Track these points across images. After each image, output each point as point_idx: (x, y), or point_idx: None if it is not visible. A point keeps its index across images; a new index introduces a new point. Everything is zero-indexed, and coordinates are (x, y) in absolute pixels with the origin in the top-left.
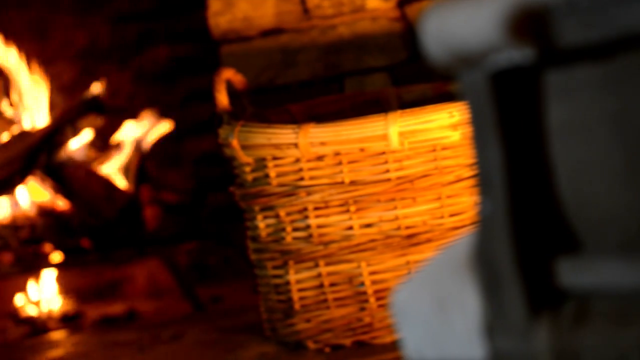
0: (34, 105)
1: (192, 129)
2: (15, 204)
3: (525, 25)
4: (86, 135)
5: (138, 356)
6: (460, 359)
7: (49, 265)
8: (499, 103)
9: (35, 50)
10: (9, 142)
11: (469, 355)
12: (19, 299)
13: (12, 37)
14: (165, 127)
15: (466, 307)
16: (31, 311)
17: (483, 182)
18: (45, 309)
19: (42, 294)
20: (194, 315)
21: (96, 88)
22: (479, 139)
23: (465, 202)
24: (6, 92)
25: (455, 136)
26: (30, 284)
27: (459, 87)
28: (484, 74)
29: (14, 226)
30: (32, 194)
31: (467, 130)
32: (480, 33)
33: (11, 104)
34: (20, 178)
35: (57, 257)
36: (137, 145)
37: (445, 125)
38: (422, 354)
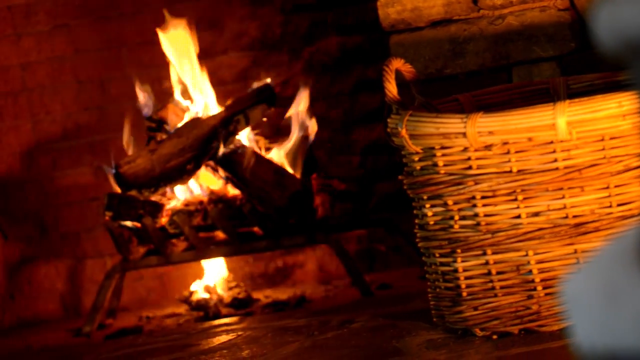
0: (207, 95)
1: (361, 119)
2: (188, 191)
3: None
4: (257, 124)
5: (307, 342)
6: (630, 349)
7: (221, 251)
8: None
9: (209, 41)
10: (182, 131)
11: (639, 345)
12: (191, 285)
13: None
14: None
15: (637, 297)
16: (203, 296)
17: None
18: (217, 294)
19: (214, 280)
20: (362, 302)
21: (267, 78)
22: None
23: (634, 192)
24: (181, 82)
25: (624, 125)
26: (203, 269)
27: (629, 76)
28: None
29: (187, 213)
30: (204, 182)
31: (637, 119)
32: None
33: (186, 94)
34: (194, 166)
35: (228, 243)
36: (305, 134)
37: (614, 115)
38: (591, 342)
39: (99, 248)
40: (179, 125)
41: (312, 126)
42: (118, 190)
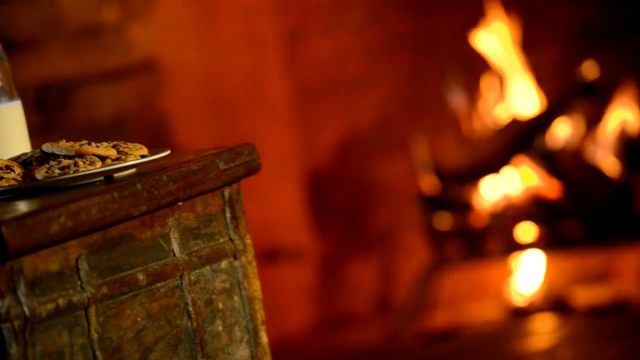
0: (525, 89)
1: None
2: (506, 188)
3: None
4: (578, 119)
5: (630, 347)
6: None
7: (537, 249)
8: None
9: (527, 32)
10: (500, 127)
11: None
12: (504, 283)
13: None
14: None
15: None
16: (520, 296)
17: None
18: (533, 294)
19: (531, 280)
20: None
21: (589, 71)
22: None
23: None
24: (499, 76)
25: None
26: (517, 267)
27: None
28: None
29: (504, 210)
30: (522, 179)
31: None
32: None
33: (504, 88)
34: (511, 162)
35: (546, 241)
36: (625, 129)
37: None
38: None
39: (412, 245)
40: (497, 120)
41: (633, 119)
42: (433, 186)
